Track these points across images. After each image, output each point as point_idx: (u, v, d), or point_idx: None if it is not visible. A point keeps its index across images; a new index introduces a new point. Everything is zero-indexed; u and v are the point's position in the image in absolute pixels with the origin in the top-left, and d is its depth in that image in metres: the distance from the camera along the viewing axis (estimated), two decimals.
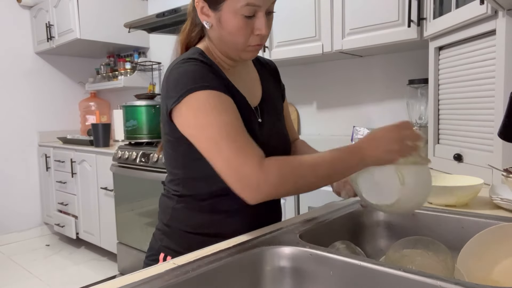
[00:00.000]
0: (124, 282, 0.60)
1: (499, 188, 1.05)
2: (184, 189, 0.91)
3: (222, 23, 0.82)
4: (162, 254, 0.92)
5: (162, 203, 0.97)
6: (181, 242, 0.90)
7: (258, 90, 0.98)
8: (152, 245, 0.96)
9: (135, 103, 2.81)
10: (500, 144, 1.18)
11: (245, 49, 0.85)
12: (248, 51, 0.86)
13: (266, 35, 0.85)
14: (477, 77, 1.32)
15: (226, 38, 0.84)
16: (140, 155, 2.52)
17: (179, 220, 0.91)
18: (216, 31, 0.86)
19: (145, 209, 2.54)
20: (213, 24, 0.85)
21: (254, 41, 0.84)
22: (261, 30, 0.82)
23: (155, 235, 0.96)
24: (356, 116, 2.28)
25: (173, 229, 0.92)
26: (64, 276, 2.87)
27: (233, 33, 0.82)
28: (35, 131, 3.74)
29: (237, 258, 0.69)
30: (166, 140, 0.90)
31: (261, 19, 0.82)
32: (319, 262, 0.69)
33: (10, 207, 3.59)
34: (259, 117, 0.93)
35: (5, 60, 3.54)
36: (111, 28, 3.25)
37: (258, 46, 0.86)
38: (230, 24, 0.81)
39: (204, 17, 0.85)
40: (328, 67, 2.40)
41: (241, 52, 0.86)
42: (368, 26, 1.84)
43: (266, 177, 0.72)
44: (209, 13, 0.84)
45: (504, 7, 1.13)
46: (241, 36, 0.82)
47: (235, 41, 0.84)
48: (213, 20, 0.84)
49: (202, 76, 0.81)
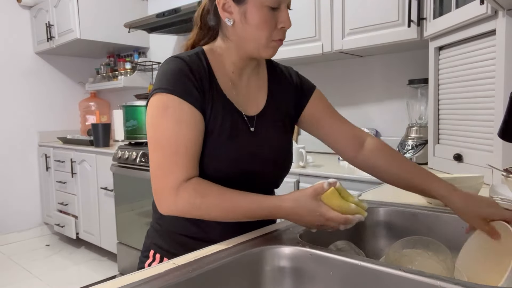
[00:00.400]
0: (124, 282, 0.60)
1: (499, 188, 1.05)
2: None
3: (248, 17, 0.82)
4: (152, 251, 0.93)
5: (154, 203, 0.97)
6: (169, 241, 0.91)
7: (262, 99, 0.94)
8: (145, 241, 0.98)
9: (135, 103, 2.81)
10: (500, 144, 1.18)
11: (267, 44, 0.84)
12: (270, 47, 0.85)
13: (286, 29, 0.85)
14: (477, 77, 1.32)
15: (250, 33, 0.83)
16: (140, 155, 2.52)
17: (166, 219, 0.92)
18: (238, 28, 0.84)
19: (145, 209, 2.55)
20: (236, 20, 0.84)
21: (277, 35, 0.84)
22: (285, 23, 0.83)
23: (148, 232, 0.98)
24: (356, 116, 2.28)
25: (163, 228, 0.93)
26: (64, 276, 2.87)
27: (259, 26, 0.82)
28: (35, 131, 3.74)
29: (237, 258, 0.69)
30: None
31: (284, 11, 0.83)
32: (319, 262, 0.69)
33: (10, 207, 3.59)
34: (252, 126, 0.89)
35: (5, 60, 3.54)
36: (111, 28, 3.25)
37: (280, 42, 0.86)
38: (256, 17, 0.81)
39: (226, 14, 0.84)
40: (328, 67, 2.40)
41: (263, 48, 0.85)
42: (368, 26, 1.84)
43: (176, 203, 0.77)
44: (232, 9, 0.83)
45: (504, 7, 1.13)
46: (266, 29, 0.82)
47: (259, 35, 0.83)
48: (237, 16, 0.83)
49: (176, 81, 0.81)
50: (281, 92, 0.97)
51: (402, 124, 2.06)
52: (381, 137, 2.19)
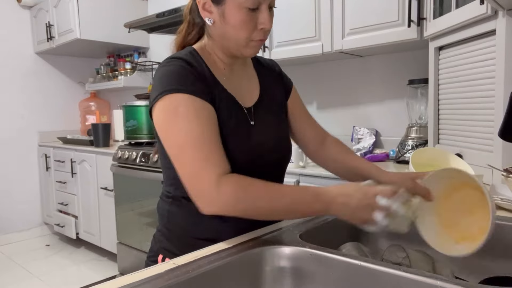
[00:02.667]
0: (124, 282, 0.60)
1: (499, 188, 1.05)
2: (178, 190, 0.90)
3: (226, 18, 0.82)
4: (160, 255, 0.92)
5: (159, 206, 0.97)
6: (178, 245, 0.90)
7: (255, 91, 0.96)
8: (152, 246, 0.97)
9: (135, 103, 2.81)
10: (500, 144, 1.18)
11: (247, 44, 0.84)
12: (250, 47, 0.85)
13: (269, 30, 0.84)
14: (477, 77, 1.32)
15: (229, 34, 0.83)
16: (140, 155, 2.52)
17: (175, 223, 0.91)
18: (218, 28, 0.84)
19: (145, 209, 2.54)
20: (216, 20, 0.84)
21: (257, 36, 0.84)
22: (265, 24, 0.82)
23: (155, 236, 0.97)
24: (356, 116, 2.28)
25: (171, 232, 0.92)
26: (64, 276, 2.87)
27: (237, 27, 0.81)
28: (35, 131, 3.74)
29: (237, 258, 0.69)
30: (158, 139, 0.90)
31: (264, 12, 0.82)
32: (319, 262, 0.69)
33: (10, 207, 3.59)
34: (252, 119, 0.90)
35: (5, 60, 3.54)
36: (111, 28, 3.25)
37: (260, 42, 0.85)
38: (234, 18, 0.81)
39: (206, 13, 0.84)
40: (328, 67, 2.40)
41: (243, 48, 0.85)
42: (368, 26, 1.84)
43: (219, 197, 0.72)
44: (211, 9, 0.83)
45: (504, 7, 1.13)
46: (244, 30, 0.82)
47: (238, 36, 0.83)
48: (216, 16, 0.83)
49: (181, 78, 0.80)
50: (271, 83, 1.00)
51: (402, 124, 2.06)
52: (381, 137, 2.19)
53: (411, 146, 1.80)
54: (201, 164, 0.74)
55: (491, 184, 1.10)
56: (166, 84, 0.80)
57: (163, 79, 0.81)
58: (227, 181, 0.73)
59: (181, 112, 0.77)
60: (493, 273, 0.82)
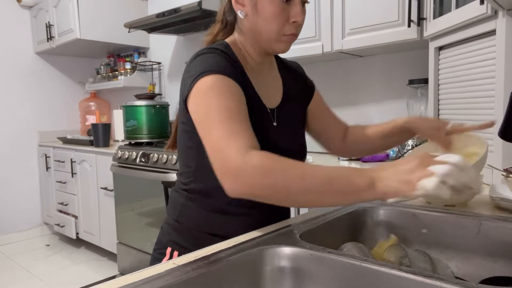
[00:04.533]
0: (124, 282, 0.60)
1: (499, 188, 1.05)
2: (194, 183, 0.89)
3: (258, 10, 0.82)
4: (169, 248, 0.91)
5: (172, 198, 0.96)
6: (189, 238, 0.90)
7: (279, 93, 0.96)
8: (160, 238, 0.96)
9: (135, 103, 2.81)
10: (500, 144, 1.18)
11: (279, 38, 0.84)
12: (281, 41, 0.85)
13: (301, 24, 0.85)
14: (477, 77, 1.32)
15: (261, 26, 0.83)
16: (140, 155, 2.52)
17: (188, 217, 0.91)
18: (250, 21, 0.85)
19: (145, 209, 2.55)
20: (248, 13, 0.84)
21: (289, 30, 0.83)
22: (297, 17, 0.82)
23: (164, 228, 0.96)
24: (356, 116, 2.28)
25: (182, 226, 0.91)
26: (64, 276, 2.87)
27: (269, 19, 0.82)
28: (35, 131, 3.74)
29: (237, 258, 0.69)
30: (182, 130, 0.88)
31: (297, 6, 0.82)
32: (319, 262, 0.69)
33: (10, 207, 3.59)
34: (275, 120, 0.91)
35: (5, 60, 3.54)
36: (111, 28, 3.25)
37: (292, 36, 0.85)
38: (267, 10, 0.81)
39: (238, 6, 0.85)
40: (328, 67, 2.40)
41: (274, 43, 0.85)
42: (368, 26, 1.84)
43: (245, 166, 0.66)
44: (244, 2, 0.84)
45: (504, 7, 1.13)
46: (276, 23, 0.82)
47: (270, 28, 0.83)
48: (248, 8, 0.84)
49: (216, 63, 0.80)
50: (294, 86, 1.00)
51: None
52: None
53: (411, 146, 1.80)
54: (230, 138, 0.70)
55: (491, 184, 1.10)
56: (201, 69, 0.79)
57: (197, 66, 0.80)
58: (256, 152, 0.69)
59: (214, 90, 0.76)
60: (493, 273, 0.82)
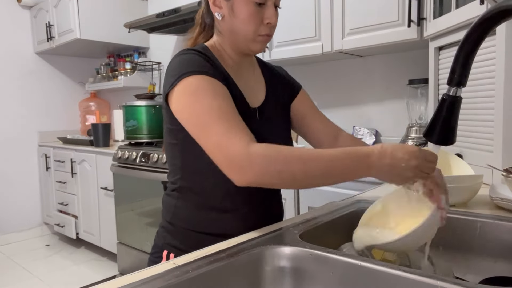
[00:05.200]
0: (124, 282, 0.60)
1: (499, 188, 1.05)
2: (182, 180, 0.91)
3: (235, 11, 0.87)
4: (165, 251, 0.92)
5: (164, 202, 0.97)
6: (183, 240, 0.90)
7: (261, 92, 0.99)
8: (156, 242, 0.97)
9: (135, 103, 2.81)
10: (500, 144, 1.18)
11: (255, 38, 0.89)
12: (257, 42, 0.90)
13: (274, 26, 0.90)
14: (477, 77, 1.32)
15: (238, 27, 0.88)
16: (140, 155, 2.52)
17: (181, 218, 0.92)
18: (227, 22, 0.89)
19: (145, 209, 2.55)
20: (225, 15, 0.89)
21: (263, 31, 0.89)
22: (270, 19, 0.88)
23: (159, 232, 0.97)
24: (356, 116, 2.28)
25: (176, 227, 0.92)
26: (64, 276, 2.87)
27: (245, 20, 0.87)
28: (35, 131, 3.74)
29: (237, 258, 0.69)
30: (166, 130, 0.91)
31: (270, 8, 0.88)
32: (319, 262, 0.69)
33: (10, 207, 3.59)
34: (258, 117, 0.93)
35: (5, 60, 3.54)
36: (111, 28, 3.25)
37: (267, 37, 0.90)
38: (242, 12, 0.86)
39: (216, 8, 0.90)
40: (328, 67, 2.40)
41: (251, 43, 0.90)
42: (368, 26, 1.84)
43: (251, 158, 0.71)
44: (221, 4, 0.89)
45: None
46: (252, 24, 0.87)
47: (246, 29, 0.88)
48: (225, 10, 0.88)
49: (198, 63, 0.83)
50: (276, 85, 1.03)
51: (402, 124, 2.06)
52: (381, 137, 2.19)
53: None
54: (229, 134, 0.74)
55: (491, 184, 1.10)
56: (183, 69, 0.82)
57: (178, 66, 0.83)
58: (258, 145, 0.73)
59: (202, 91, 0.79)
60: (493, 273, 0.82)
